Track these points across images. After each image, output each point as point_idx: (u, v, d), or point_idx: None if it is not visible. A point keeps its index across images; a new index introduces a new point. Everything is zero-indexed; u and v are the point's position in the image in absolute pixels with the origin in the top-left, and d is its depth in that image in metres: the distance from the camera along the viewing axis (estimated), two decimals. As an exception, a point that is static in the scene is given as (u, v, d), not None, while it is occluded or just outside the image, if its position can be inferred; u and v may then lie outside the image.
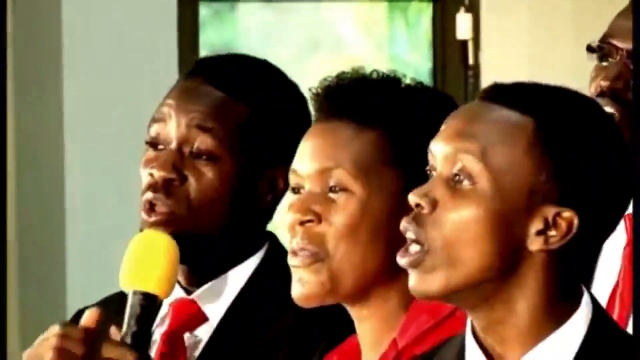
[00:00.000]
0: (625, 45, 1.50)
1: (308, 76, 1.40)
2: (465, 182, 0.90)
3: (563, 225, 0.89)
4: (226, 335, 1.31)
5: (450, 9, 3.92)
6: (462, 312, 1.03)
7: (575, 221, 0.88)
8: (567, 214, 0.88)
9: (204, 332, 1.33)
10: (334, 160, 1.11)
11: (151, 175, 1.30)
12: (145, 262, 1.24)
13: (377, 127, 1.12)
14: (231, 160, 1.31)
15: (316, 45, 4.03)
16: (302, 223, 1.10)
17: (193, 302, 1.33)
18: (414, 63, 4.10)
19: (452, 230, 0.89)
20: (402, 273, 1.05)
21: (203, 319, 1.33)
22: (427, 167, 0.94)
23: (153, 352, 1.32)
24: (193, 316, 1.33)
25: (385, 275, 1.10)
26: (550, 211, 0.89)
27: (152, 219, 1.29)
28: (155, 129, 1.33)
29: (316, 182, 1.11)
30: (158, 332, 1.34)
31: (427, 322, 1.10)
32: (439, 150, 0.92)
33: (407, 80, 1.18)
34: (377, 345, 1.11)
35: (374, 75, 1.17)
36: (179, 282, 1.34)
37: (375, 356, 1.10)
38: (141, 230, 1.32)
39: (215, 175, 1.30)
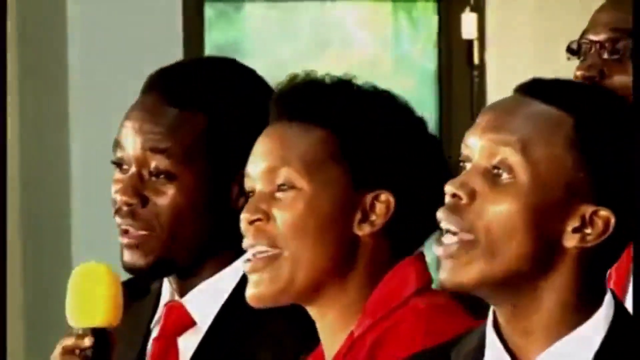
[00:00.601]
0: (598, 37, 1.54)
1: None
2: (505, 175, 0.89)
3: (600, 224, 0.89)
4: (215, 339, 1.32)
5: (455, 8, 3.91)
6: (415, 301, 1.08)
7: (612, 220, 0.89)
8: (604, 212, 0.89)
9: (194, 337, 1.34)
10: (281, 159, 1.12)
11: (115, 200, 1.34)
12: (86, 298, 1.26)
13: (324, 126, 1.13)
14: (192, 174, 1.33)
15: (322, 46, 4.03)
16: (251, 222, 1.12)
17: (182, 306, 1.35)
18: (419, 62, 4.09)
19: (491, 222, 0.89)
20: (356, 268, 1.11)
21: (191, 323, 1.34)
22: (460, 158, 0.94)
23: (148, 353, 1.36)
24: (182, 320, 1.34)
25: (338, 270, 1.11)
26: (587, 209, 0.89)
27: (126, 241, 1.33)
28: (117, 152, 1.36)
29: (265, 182, 1.13)
30: (155, 331, 1.37)
31: (381, 311, 1.11)
32: (476, 142, 0.92)
33: (360, 83, 1.19)
34: (337, 340, 1.11)
35: (326, 78, 1.18)
36: (172, 286, 1.37)
37: (335, 351, 1.11)
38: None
39: (176, 192, 1.32)
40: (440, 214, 0.92)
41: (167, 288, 1.39)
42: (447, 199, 0.92)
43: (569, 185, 0.89)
